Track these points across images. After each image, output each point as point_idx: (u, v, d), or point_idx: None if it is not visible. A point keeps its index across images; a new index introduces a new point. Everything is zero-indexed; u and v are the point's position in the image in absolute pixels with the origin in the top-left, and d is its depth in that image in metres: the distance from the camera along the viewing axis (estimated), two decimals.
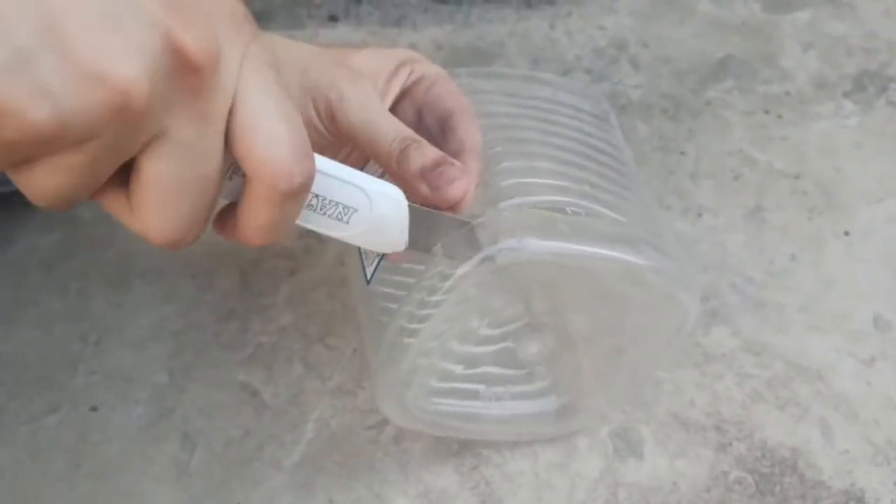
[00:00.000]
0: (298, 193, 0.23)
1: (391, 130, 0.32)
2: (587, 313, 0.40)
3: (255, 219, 0.24)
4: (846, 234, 0.51)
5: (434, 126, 0.35)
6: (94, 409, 0.45)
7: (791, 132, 0.59)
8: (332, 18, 0.73)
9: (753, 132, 0.59)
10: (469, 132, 0.34)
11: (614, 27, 0.70)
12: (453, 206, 0.31)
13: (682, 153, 0.58)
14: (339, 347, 0.47)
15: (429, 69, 0.37)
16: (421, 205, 0.29)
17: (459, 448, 0.42)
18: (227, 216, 0.25)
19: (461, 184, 0.31)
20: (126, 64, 0.19)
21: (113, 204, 0.22)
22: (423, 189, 0.30)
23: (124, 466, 0.42)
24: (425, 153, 0.31)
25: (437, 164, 0.31)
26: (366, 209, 0.27)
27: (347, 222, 0.27)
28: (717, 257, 0.51)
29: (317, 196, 0.26)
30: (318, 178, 0.25)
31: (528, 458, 0.42)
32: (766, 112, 0.61)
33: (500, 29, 0.72)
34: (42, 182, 0.20)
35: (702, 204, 0.54)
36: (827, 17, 0.70)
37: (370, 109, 0.32)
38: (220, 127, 0.22)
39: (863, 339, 0.45)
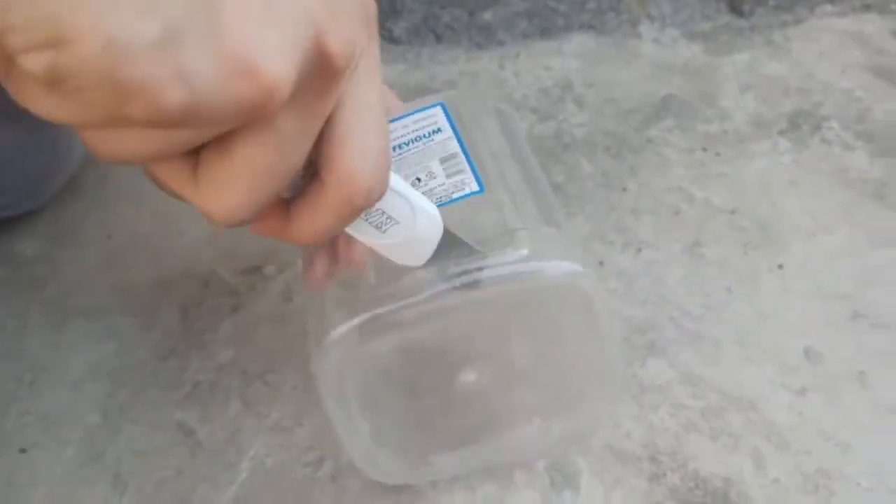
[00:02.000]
0: (366, 208, 0.23)
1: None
2: (532, 344, 0.40)
3: (316, 223, 0.23)
4: (780, 267, 0.53)
5: None
6: (23, 450, 0.44)
7: (728, 169, 0.60)
8: None
9: (693, 169, 0.61)
10: None
11: (560, 68, 0.72)
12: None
13: (624, 189, 0.59)
14: (277, 384, 0.46)
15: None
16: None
17: (396, 484, 0.42)
18: (274, 213, 0.24)
19: None
20: (278, 61, 0.17)
21: (173, 174, 0.21)
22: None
23: None
24: None
25: None
26: (408, 223, 0.26)
27: (384, 232, 0.26)
28: (656, 291, 0.51)
29: None
30: None
31: (464, 493, 0.41)
32: (705, 150, 0.62)
33: (451, 69, 0.73)
34: (124, 147, 0.18)
35: (642, 239, 0.55)
36: (765, 58, 0.73)
37: None
38: (321, 124, 0.21)
39: (795, 371, 0.46)
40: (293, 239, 0.24)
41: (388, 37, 0.77)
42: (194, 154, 0.20)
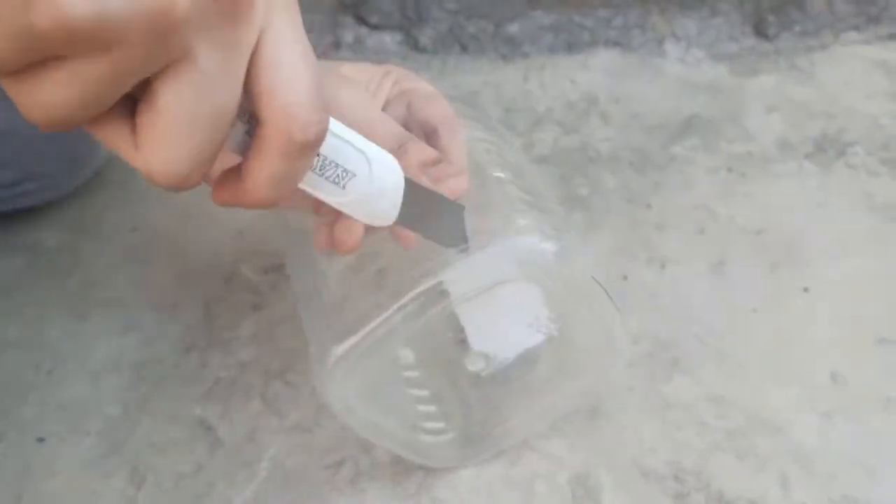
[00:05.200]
0: (312, 146, 0.23)
1: (389, 130, 0.33)
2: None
3: (263, 170, 0.23)
4: (806, 290, 0.52)
5: (420, 138, 0.35)
6: (41, 439, 0.43)
7: (754, 190, 0.60)
8: None
9: (718, 188, 0.61)
10: (454, 146, 0.34)
11: (586, 82, 0.72)
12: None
13: (648, 205, 0.59)
14: (298, 385, 0.46)
15: (418, 84, 0.38)
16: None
17: (417, 490, 0.41)
18: (229, 178, 0.24)
19: (461, 180, 0.32)
20: None
21: (114, 136, 0.21)
22: (425, 182, 0.31)
23: (68, 501, 0.41)
24: (424, 151, 0.32)
25: (437, 161, 0.32)
26: (364, 175, 0.26)
27: (344, 187, 0.26)
28: (681, 308, 0.51)
29: (318, 154, 0.25)
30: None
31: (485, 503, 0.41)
32: (730, 170, 0.62)
33: (475, 79, 0.73)
34: (49, 94, 0.19)
35: (666, 255, 0.55)
36: (790, 82, 0.73)
37: (366, 108, 0.33)
38: (245, 59, 0.21)
39: (821, 394, 0.46)
40: (251, 198, 0.24)
41: (413, 45, 0.77)
42: (131, 117, 0.21)
